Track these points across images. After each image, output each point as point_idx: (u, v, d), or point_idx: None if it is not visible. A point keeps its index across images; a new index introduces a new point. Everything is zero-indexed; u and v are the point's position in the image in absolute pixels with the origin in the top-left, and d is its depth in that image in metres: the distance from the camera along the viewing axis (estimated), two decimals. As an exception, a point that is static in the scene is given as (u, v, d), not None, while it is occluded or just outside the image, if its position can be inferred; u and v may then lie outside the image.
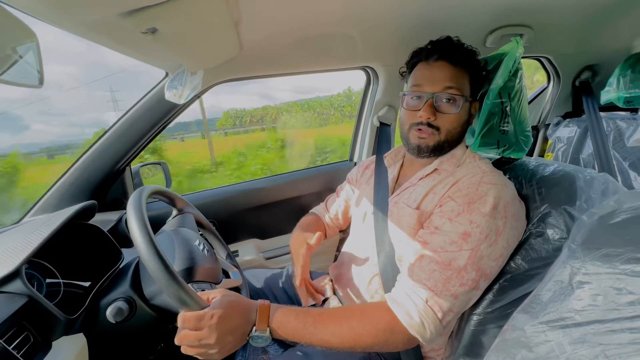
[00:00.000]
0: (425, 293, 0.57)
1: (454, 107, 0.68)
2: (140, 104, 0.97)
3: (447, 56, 0.69)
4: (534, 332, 0.36)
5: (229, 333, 0.52)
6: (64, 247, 0.73)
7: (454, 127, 0.70)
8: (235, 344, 0.54)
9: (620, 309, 0.30)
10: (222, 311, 0.52)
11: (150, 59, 0.76)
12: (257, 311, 0.56)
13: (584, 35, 1.23)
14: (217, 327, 0.51)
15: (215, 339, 0.51)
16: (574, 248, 0.36)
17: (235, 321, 0.53)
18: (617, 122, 1.25)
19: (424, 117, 0.68)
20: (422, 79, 0.70)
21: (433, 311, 0.56)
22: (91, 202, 0.75)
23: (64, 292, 0.70)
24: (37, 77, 0.44)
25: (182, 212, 0.83)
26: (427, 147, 0.70)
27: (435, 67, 0.69)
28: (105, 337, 0.64)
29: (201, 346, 0.52)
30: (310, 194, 1.35)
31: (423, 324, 0.56)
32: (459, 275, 0.57)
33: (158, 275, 0.49)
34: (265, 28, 0.83)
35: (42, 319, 0.55)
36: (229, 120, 13.91)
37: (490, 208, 0.59)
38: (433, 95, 0.68)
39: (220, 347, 0.52)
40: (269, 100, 55.69)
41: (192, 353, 0.53)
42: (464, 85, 0.69)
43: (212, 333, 0.51)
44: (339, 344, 0.56)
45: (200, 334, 0.51)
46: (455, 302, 0.57)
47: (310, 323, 0.56)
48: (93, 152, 0.98)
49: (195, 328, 0.51)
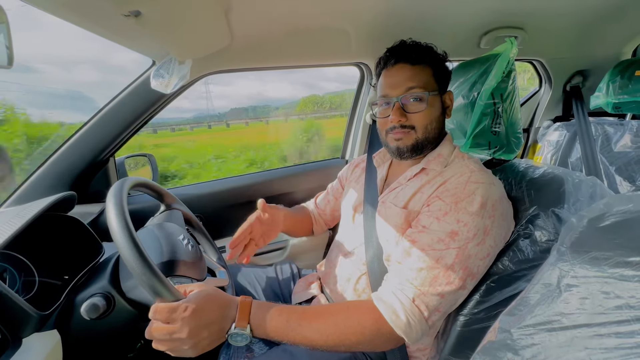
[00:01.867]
0: (412, 292, 0.56)
1: (421, 104, 0.69)
2: (126, 93, 0.94)
3: (404, 58, 0.71)
4: (521, 335, 0.35)
5: (203, 328, 0.49)
6: (42, 240, 0.70)
7: (428, 123, 0.70)
8: (210, 340, 0.50)
9: (608, 313, 0.29)
10: (197, 304, 0.49)
11: (135, 44, 0.73)
12: (237, 307, 0.53)
13: (576, 40, 1.25)
14: (190, 321, 0.48)
15: (188, 333, 0.47)
16: (563, 251, 0.36)
17: (211, 315, 0.50)
18: (605, 127, 1.27)
19: (395, 121, 0.70)
20: (386, 86, 0.72)
21: (420, 310, 0.55)
22: (70, 192, 0.72)
23: (39, 286, 0.67)
24: (7, 57, 0.41)
25: (170, 208, 0.80)
26: (405, 147, 0.71)
27: (394, 71, 0.71)
28: (82, 335, 0.61)
29: (173, 340, 0.48)
30: (301, 191, 1.34)
31: (409, 323, 0.55)
32: (446, 274, 0.56)
33: (131, 262, 0.46)
34: (256, 18, 0.81)
35: (11, 314, 0.52)
36: (308, 106, 15.01)
37: (477, 207, 0.59)
38: (398, 98, 0.69)
39: (193, 343, 0.48)
40: (315, 90, 56.35)
41: (163, 348, 0.49)
42: (427, 81, 0.70)
43: (184, 327, 0.47)
44: (324, 342, 0.54)
45: (171, 327, 0.47)
46: (442, 302, 0.56)
47: (294, 320, 0.54)
48: (75, 141, 0.94)
49: (167, 320, 0.48)
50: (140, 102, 0.95)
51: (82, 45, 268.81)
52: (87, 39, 23.63)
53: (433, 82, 0.71)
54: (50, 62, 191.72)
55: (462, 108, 0.85)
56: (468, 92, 0.84)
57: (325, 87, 60.57)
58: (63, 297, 0.61)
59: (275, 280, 0.96)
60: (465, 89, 0.84)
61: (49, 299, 0.60)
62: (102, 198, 1.01)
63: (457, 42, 1.10)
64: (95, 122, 0.95)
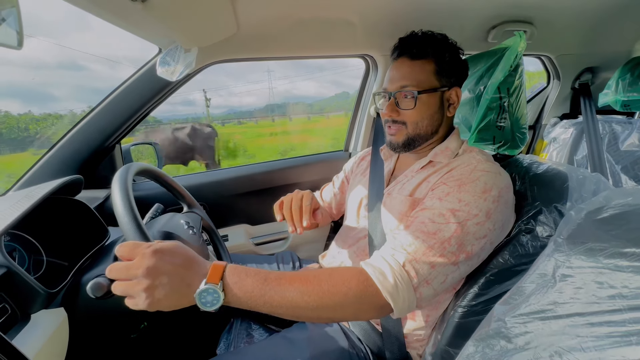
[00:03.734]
0: (404, 257, 0.54)
1: (411, 103, 0.69)
2: (132, 81, 0.94)
3: (406, 51, 0.70)
4: (514, 324, 0.36)
5: (163, 273, 0.44)
6: (50, 222, 0.71)
7: (419, 120, 0.70)
8: (169, 291, 0.44)
9: (600, 303, 0.30)
10: (162, 245, 0.45)
11: (141, 31, 0.74)
12: (209, 266, 0.48)
13: (587, 36, 1.22)
14: (150, 258, 0.43)
15: (145, 271, 0.42)
16: (560, 242, 0.36)
17: (174, 261, 0.45)
18: (613, 126, 1.25)
19: (387, 115, 0.72)
20: (387, 80, 0.73)
21: (409, 276, 0.53)
22: (77, 176, 0.74)
23: (47, 266, 0.69)
24: (17, 39, 0.42)
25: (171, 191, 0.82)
26: (397, 143, 0.73)
27: (396, 64, 0.72)
28: (87, 313, 0.63)
29: (129, 277, 0.44)
30: (303, 183, 1.34)
31: (397, 285, 0.51)
32: (441, 246, 0.55)
33: (120, 214, 0.48)
34: (263, 7, 0.81)
35: (20, 291, 0.54)
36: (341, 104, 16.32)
37: (480, 190, 0.58)
38: (393, 94, 0.70)
39: (148, 285, 0.43)
40: (343, 88, 57.71)
41: (119, 290, 0.45)
42: (424, 79, 0.69)
43: (142, 262, 0.43)
44: (304, 304, 0.48)
45: (130, 263, 0.44)
46: (432, 272, 0.54)
47: (272, 279, 0.49)
48: (81, 127, 0.95)
49: (129, 256, 0.45)
50: (146, 90, 0.96)
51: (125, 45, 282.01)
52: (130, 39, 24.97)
53: (432, 79, 0.69)
54: (96, 61, 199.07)
55: (468, 102, 0.84)
56: (474, 86, 0.83)
57: (352, 84, 60.50)
58: (70, 277, 0.63)
59: (276, 270, 0.97)
60: (472, 83, 0.84)
61: (57, 279, 0.62)
62: (108, 184, 1.03)
63: (464, 35, 1.08)
64: (102, 109, 0.96)
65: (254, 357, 0.65)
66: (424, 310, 0.70)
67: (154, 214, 0.81)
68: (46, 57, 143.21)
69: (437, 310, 0.69)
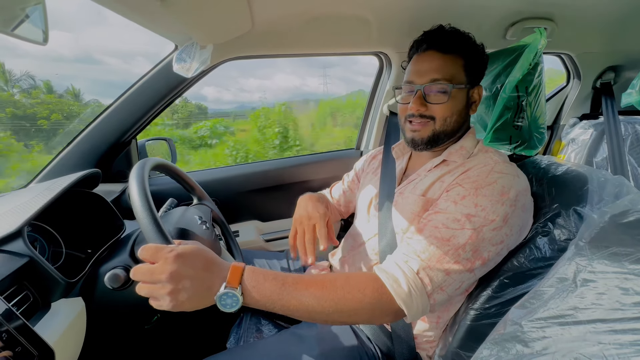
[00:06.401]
0: (417, 264, 0.54)
1: (443, 97, 0.67)
2: (149, 77, 0.96)
3: (436, 45, 0.68)
4: (532, 328, 0.35)
5: (186, 277, 0.45)
6: (69, 214, 0.74)
7: (448, 115, 0.68)
8: (191, 294, 0.46)
9: (625, 310, 0.29)
10: (184, 250, 0.47)
11: (160, 28, 0.75)
12: (229, 269, 0.50)
13: (610, 34, 1.18)
14: (173, 262, 0.45)
15: (168, 275, 0.44)
16: (582, 245, 0.35)
17: (196, 265, 0.47)
18: (636, 127, 1.20)
19: (414, 110, 0.68)
20: (413, 73, 0.70)
21: (423, 283, 0.53)
22: (95, 170, 0.76)
23: (66, 257, 0.71)
24: (42, 35, 0.44)
25: (186, 188, 0.84)
26: (421, 139, 0.70)
27: (424, 57, 0.69)
28: (104, 303, 0.65)
29: (153, 282, 0.45)
30: (314, 180, 1.35)
31: (411, 293, 0.52)
32: (455, 253, 0.54)
33: (138, 211, 0.49)
34: (277, 4, 0.81)
35: (41, 279, 0.56)
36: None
37: (498, 194, 0.57)
38: (421, 87, 0.67)
39: (172, 289, 0.44)
40: (357, 85, 58.05)
41: (143, 292, 0.46)
42: (456, 73, 0.67)
43: (166, 266, 0.45)
44: (321, 309, 0.50)
45: (153, 267, 0.45)
46: (446, 279, 0.54)
47: (290, 284, 0.51)
48: (99, 123, 0.98)
49: (152, 259, 0.46)
50: (161, 86, 0.98)
51: (140, 39, 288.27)
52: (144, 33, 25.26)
53: (462, 75, 0.68)
54: (111, 55, 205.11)
55: (484, 101, 0.82)
56: (491, 84, 0.81)
57: (364, 82, 59.58)
58: (87, 268, 0.65)
59: (286, 266, 0.98)
60: (488, 81, 0.82)
61: (74, 270, 0.64)
62: (124, 178, 1.06)
63: (481, 32, 1.05)
64: (119, 105, 0.98)
65: (264, 352, 0.66)
66: (435, 312, 0.69)
67: (168, 207, 0.83)
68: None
69: (448, 312, 0.68)
